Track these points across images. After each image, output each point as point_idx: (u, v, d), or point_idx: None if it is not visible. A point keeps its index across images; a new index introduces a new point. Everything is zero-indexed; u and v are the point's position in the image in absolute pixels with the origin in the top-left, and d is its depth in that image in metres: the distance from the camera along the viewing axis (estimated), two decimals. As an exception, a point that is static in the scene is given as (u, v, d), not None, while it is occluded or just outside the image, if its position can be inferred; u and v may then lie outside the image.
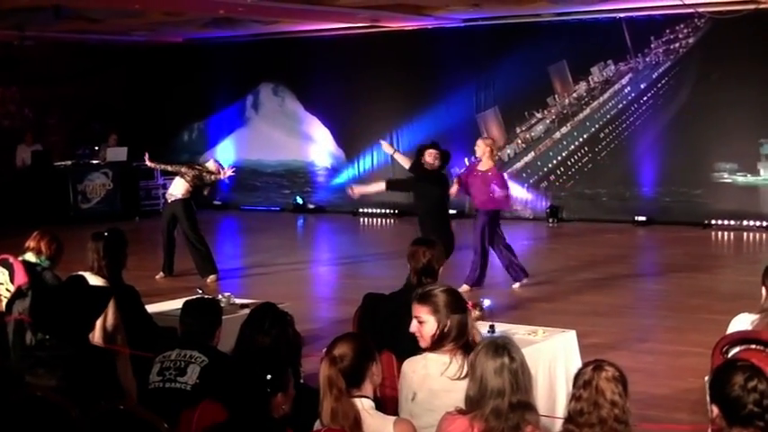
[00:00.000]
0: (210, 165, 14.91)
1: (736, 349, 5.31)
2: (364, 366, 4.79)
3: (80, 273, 6.97)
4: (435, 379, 5.18)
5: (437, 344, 5.25)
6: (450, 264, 11.09)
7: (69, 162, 22.36)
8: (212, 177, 14.57)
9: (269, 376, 4.31)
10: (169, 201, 14.58)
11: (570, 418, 4.09)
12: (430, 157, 12.43)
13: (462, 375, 5.06)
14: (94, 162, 22.57)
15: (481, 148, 13.29)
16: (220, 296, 9.10)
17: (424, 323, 5.25)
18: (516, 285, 13.16)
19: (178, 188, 14.39)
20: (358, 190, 14.34)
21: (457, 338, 5.23)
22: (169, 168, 15.23)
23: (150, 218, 22.58)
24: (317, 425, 4.72)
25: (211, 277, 14.04)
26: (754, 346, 5.30)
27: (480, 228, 13.04)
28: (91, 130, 23.93)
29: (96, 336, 6.58)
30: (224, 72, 24.72)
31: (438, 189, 12.50)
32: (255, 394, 4.30)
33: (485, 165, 13.19)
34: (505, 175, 14.73)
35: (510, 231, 14.32)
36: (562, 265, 14.79)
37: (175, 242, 14.67)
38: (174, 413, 4.87)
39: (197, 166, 14.79)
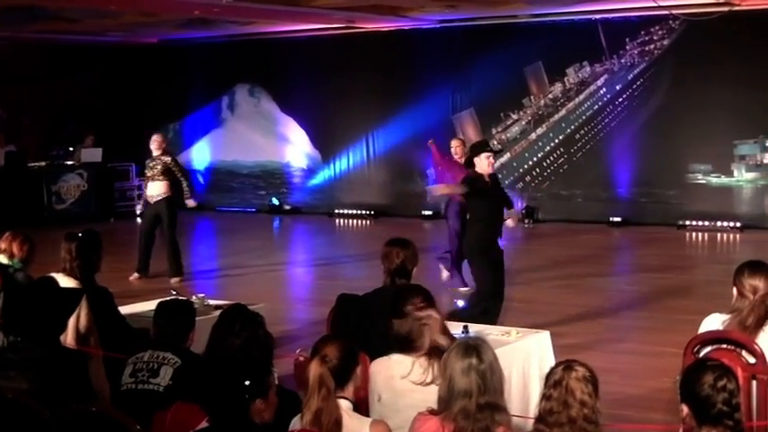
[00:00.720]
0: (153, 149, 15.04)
1: (708, 349, 5.33)
2: (351, 368, 4.80)
3: (51, 274, 6.92)
4: (397, 380, 5.23)
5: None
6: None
7: (44, 163, 22.25)
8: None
9: (247, 382, 4.29)
10: (151, 202, 14.46)
11: (540, 418, 4.10)
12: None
13: (427, 380, 5.12)
14: (69, 163, 22.45)
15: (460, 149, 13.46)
16: (194, 297, 9.07)
17: None
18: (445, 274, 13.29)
19: (158, 188, 14.32)
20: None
21: (416, 341, 5.30)
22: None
23: (125, 219, 22.55)
24: (294, 423, 4.71)
25: (176, 279, 13.96)
26: (725, 346, 5.33)
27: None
28: (66, 130, 23.81)
29: (69, 337, 6.55)
30: (200, 73, 24.67)
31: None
32: (233, 399, 4.28)
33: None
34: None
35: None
36: (537, 265, 14.82)
37: (154, 242, 14.60)
38: (146, 415, 4.85)
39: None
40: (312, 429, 4.52)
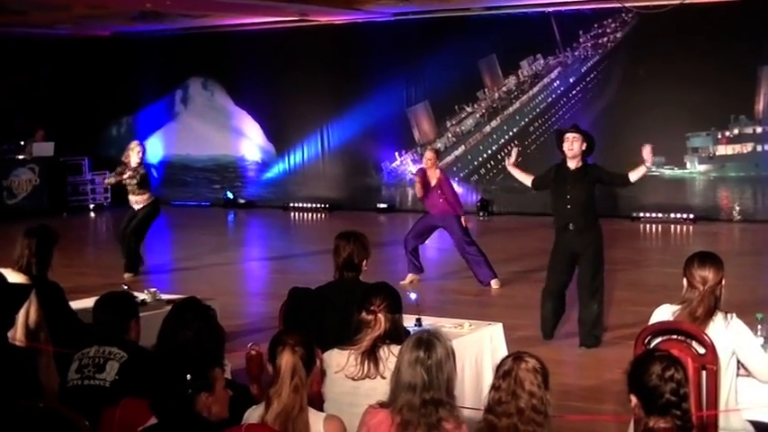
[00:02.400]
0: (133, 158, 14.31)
1: (658, 340, 5.35)
2: (312, 362, 4.77)
3: (-1, 270, 6.84)
4: (332, 373, 5.32)
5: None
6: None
7: (-7, 157, 22.04)
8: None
9: (189, 376, 4.24)
10: (135, 209, 14.06)
11: (489, 408, 4.11)
12: None
13: (358, 376, 5.21)
14: (20, 157, 22.23)
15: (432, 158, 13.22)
16: (146, 292, 9.00)
17: None
18: (407, 281, 13.10)
19: (142, 199, 14.00)
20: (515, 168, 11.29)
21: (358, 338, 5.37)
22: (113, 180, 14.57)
23: (78, 214, 22.39)
24: (249, 416, 4.67)
25: (128, 275, 13.80)
26: (675, 337, 5.35)
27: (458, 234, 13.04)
28: (15, 125, 23.55)
29: (18, 333, 6.47)
30: (152, 66, 24.54)
31: None
32: (175, 394, 4.24)
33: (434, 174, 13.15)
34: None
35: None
36: (492, 258, 14.78)
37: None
38: (93, 410, 4.79)
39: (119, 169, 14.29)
40: (274, 424, 4.48)
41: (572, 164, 9.85)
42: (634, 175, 9.94)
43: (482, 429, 4.12)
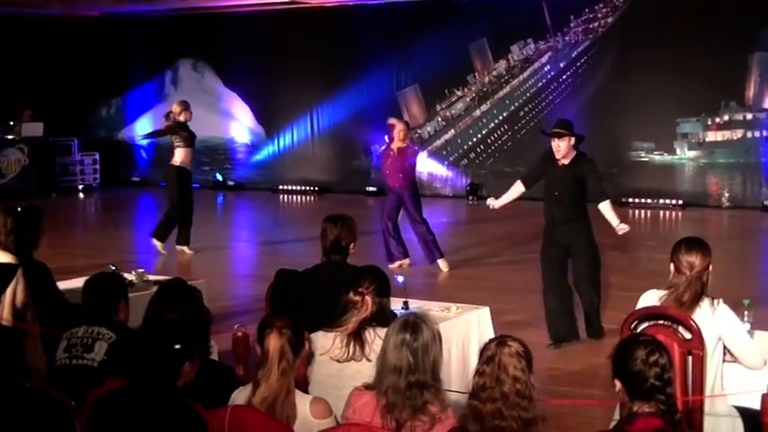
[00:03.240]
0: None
1: (645, 325, 5.36)
2: (300, 345, 4.78)
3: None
4: (317, 355, 5.34)
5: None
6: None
7: (-18, 137, 21.95)
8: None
9: (177, 346, 4.28)
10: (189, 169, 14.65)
11: (474, 394, 4.11)
12: None
13: (344, 358, 5.25)
14: (9, 137, 22.14)
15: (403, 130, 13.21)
16: (133, 272, 8.99)
17: None
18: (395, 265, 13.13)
19: (174, 155, 14.51)
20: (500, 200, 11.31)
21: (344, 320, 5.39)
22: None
23: (67, 194, 22.34)
24: (235, 397, 4.67)
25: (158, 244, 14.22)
26: (661, 322, 5.36)
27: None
28: (4, 105, 23.43)
29: (5, 313, 6.46)
30: (142, 47, 24.45)
31: None
32: (163, 364, 4.27)
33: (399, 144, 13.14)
34: (425, 153, 14.63)
35: (429, 209, 14.37)
36: (480, 242, 14.87)
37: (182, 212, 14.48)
38: (80, 390, 4.79)
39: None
40: (260, 406, 4.49)
41: (562, 159, 9.81)
42: (606, 209, 9.77)
43: (467, 415, 4.12)
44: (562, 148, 9.62)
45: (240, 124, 23.76)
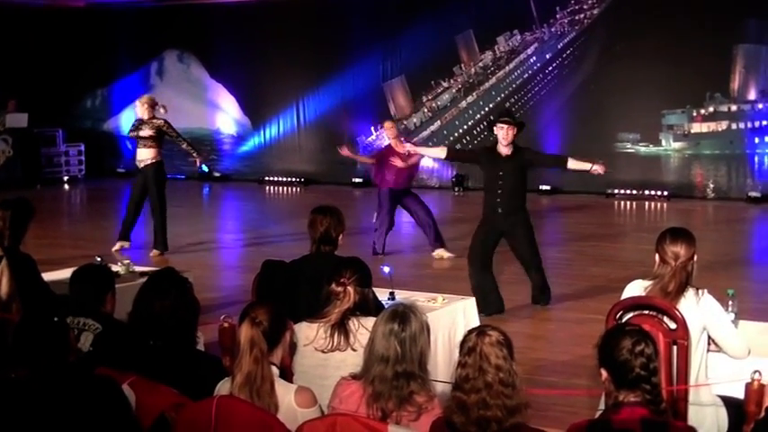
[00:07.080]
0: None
1: (630, 315, 5.38)
2: (280, 333, 4.77)
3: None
4: (301, 345, 5.36)
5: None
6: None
7: (-33, 128, 21.87)
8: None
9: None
10: (140, 167, 14.05)
11: (457, 385, 4.11)
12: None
13: (328, 348, 5.26)
14: (-7, 128, 22.10)
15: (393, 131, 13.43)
16: (119, 263, 8.97)
17: None
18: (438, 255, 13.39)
19: (146, 153, 14.03)
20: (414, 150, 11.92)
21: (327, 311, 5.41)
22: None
23: (52, 186, 22.28)
24: (220, 388, 4.68)
25: (156, 252, 13.75)
26: (646, 312, 5.37)
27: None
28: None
29: (-10, 304, 6.46)
30: (128, 38, 24.39)
31: None
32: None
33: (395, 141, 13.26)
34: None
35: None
36: (466, 233, 14.76)
37: (140, 212, 14.23)
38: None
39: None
40: (239, 395, 4.50)
41: (505, 150, 10.05)
42: (574, 164, 10.29)
43: (451, 407, 4.13)
44: (510, 136, 9.96)
45: (226, 115, 23.73)
